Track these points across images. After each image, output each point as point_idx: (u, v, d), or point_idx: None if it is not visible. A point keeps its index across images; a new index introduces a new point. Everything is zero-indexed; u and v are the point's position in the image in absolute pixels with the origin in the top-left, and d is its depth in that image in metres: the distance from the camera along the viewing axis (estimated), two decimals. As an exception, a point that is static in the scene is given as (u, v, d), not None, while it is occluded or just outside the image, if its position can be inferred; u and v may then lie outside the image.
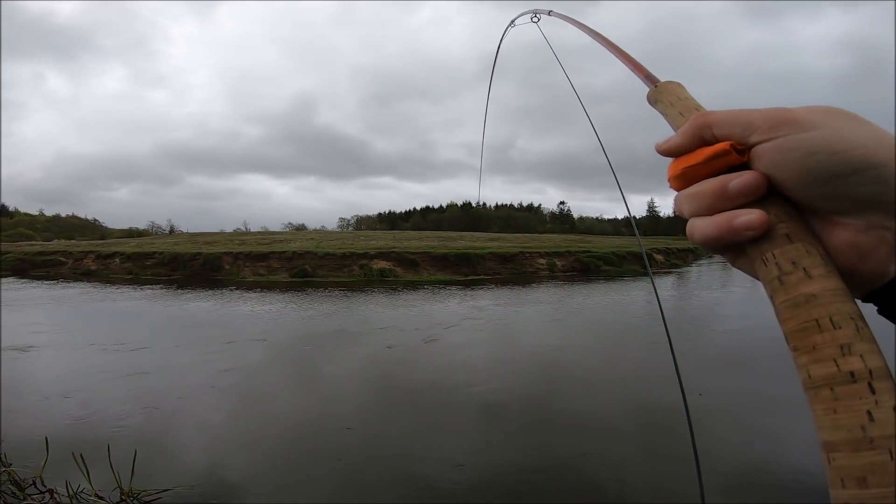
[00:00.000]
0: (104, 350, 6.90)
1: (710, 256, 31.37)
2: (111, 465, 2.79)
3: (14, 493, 2.62)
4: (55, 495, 2.62)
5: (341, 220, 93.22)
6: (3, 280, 17.85)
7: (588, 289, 15.47)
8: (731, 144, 0.30)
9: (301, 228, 65.49)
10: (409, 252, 21.09)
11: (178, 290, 14.83)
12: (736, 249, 0.31)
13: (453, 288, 15.61)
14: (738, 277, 20.12)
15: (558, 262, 21.90)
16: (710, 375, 5.51)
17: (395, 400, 4.87)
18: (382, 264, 20.18)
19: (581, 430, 4.06)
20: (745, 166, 0.30)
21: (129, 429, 3.98)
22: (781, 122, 0.28)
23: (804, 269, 0.27)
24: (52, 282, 17.74)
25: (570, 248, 23.82)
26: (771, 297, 0.28)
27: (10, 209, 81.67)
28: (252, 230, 55.80)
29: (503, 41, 1.42)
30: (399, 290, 14.85)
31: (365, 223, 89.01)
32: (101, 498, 2.65)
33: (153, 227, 73.59)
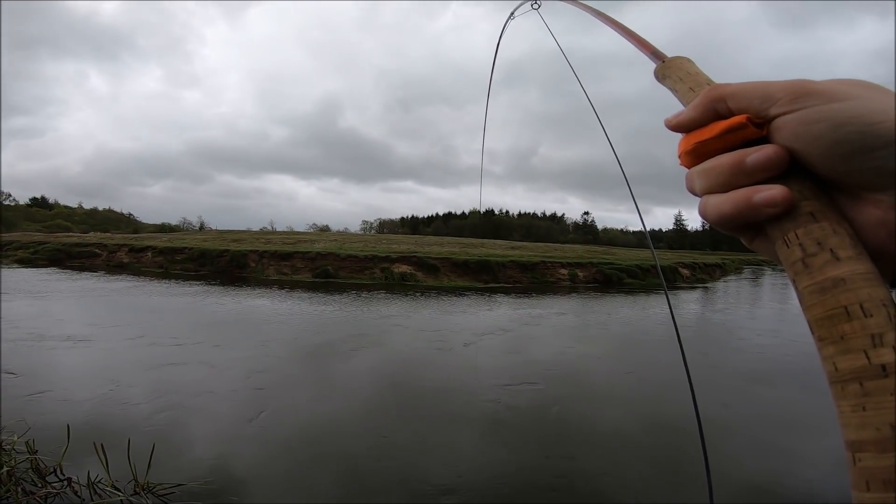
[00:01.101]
0: (144, 344, 7.23)
1: (739, 272, 30.51)
2: (129, 458, 2.92)
3: (34, 482, 2.75)
4: (73, 485, 2.77)
5: (364, 222, 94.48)
6: (44, 269, 18.76)
7: (609, 301, 15.32)
8: (748, 117, 0.28)
9: (325, 230, 66.57)
10: (431, 257, 21.24)
11: (222, 287, 15.31)
12: (754, 229, 0.29)
13: (473, 294, 15.68)
14: (768, 293, 19.56)
15: (580, 273, 21.71)
16: (735, 389, 5.44)
17: (406, 404, 4.96)
18: (404, 268, 20.38)
19: (594, 444, 4.07)
20: (764, 140, 0.28)
21: (151, 422, 4.13)
22: (804, 92, 0.27)
23: (831, 250, 0.25)
24: (95, 273, 18.54)
25: (592, 259, 23.57)
26: (794, 282, 0.26)
27: (51, 201, 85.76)
28: (278, 229, 56.98)
29: (504, 34, 1.33)
30: (420, 295, 14.99)
31: (387, 226, 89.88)
32: (117, 490, 2.74)
33: (184, 223, 76.04)
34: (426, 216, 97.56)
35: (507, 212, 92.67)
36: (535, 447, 3.89)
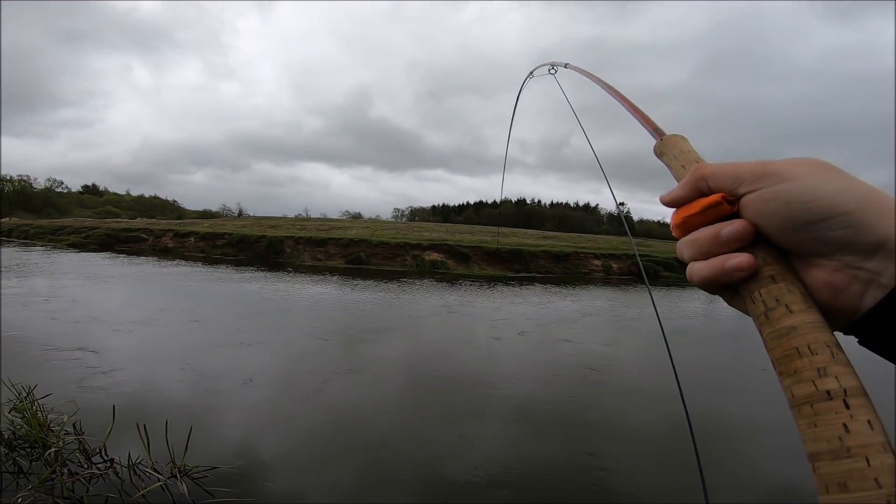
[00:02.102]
0: (192, 329, 7.51)
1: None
2: (167, 441, 3.01)
3: (80, 463, 2.87)
4: (115, 466, 2.87)
5: (396, 210, 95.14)
6: (95, 253, 19.83)
7: (644, 293, 14.86)
8: (723, 196, 0.33)
9: (357, 217, 67.49)
10: (462, 245, 21.17)
11: (262, 272, 15.76)
12: (730, 290, 0.34)
13: (504, 284, 15.53)
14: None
15: (614, 265, 21.15)
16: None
17: (433, 393, 4.94)
18: (435, 256, 20.41)
19: (618, 441, 3.93)
20: (737, 215, 0.33)
21: (192, 404, 4.27)
22: (764, 174, 0.32)
23: (786, 304, 0.30)
24: (143, 258, 19.45)
25: (627, 251, 22.91)
26: (759, 330, 0.31)
27: (101, 188, 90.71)
28: (312, 216, 58.20)
29: (522, 91, 1.42)
30: (450, 283, 14.97)
31: (419, 215, 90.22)
32: (156, 472, 2.83)
33: (224, 209, 78.78)
34: (457, 205, 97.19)
35: (540, 201, 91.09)
36: (560, 442, 3.80)
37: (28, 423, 2.98)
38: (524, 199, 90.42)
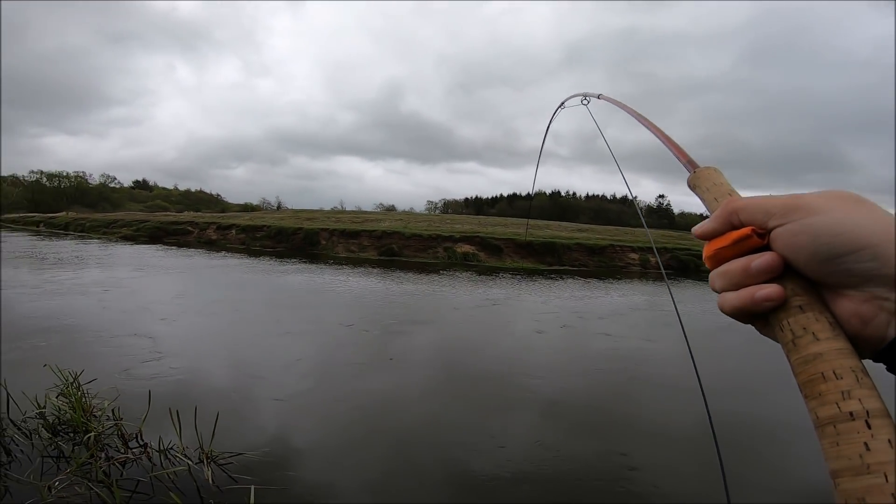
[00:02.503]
0: (233, 319, 7.79)
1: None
2: (195, 426, 3.09)
3: (117, 448, 3.00)
4: (148, 450, 2.98)
5: (429, 202, 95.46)
6: (148, 247, 20.91)
7: (683, 289, 14.30)
8: (753, 229, 0.35)
9: (391, 209, 68.19)
10: (494, 238, 21.00)
11: (301, 264, 16.22)
12: (762, 319, 0.35)
13: (536, 277, 15.30)
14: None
15: (652, 259, 20.44)
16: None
17: (462, 385, 4.90)
18: (466, 248, 20.35)
19: (649, 440, 3.78)
20: (767, 247, 0.34)
21: (226, 391, 4.41)
22: (793, 208, 0.33)
23: (813, 333, 0.31)
24: (190, 249, 20.37)
25: (666, 244, 22.09)
26: (787, 357, 0.33)
27: (151, 183, 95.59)
28: (347, 209, 59.24)
29: (553, 120, 1.42)
30: (491, 276, 14.88)
31: (452, 207, 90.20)
32: (186, 456, 2.93)
33: (264, 202, 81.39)
34: (490, 197, 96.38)
35: (575, 193, 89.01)
36: (593, 440, 3.69)
37: (73, 408, 3.15)
38: (558, 192, 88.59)
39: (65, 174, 70.87)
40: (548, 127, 1.50)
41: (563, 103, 1.19)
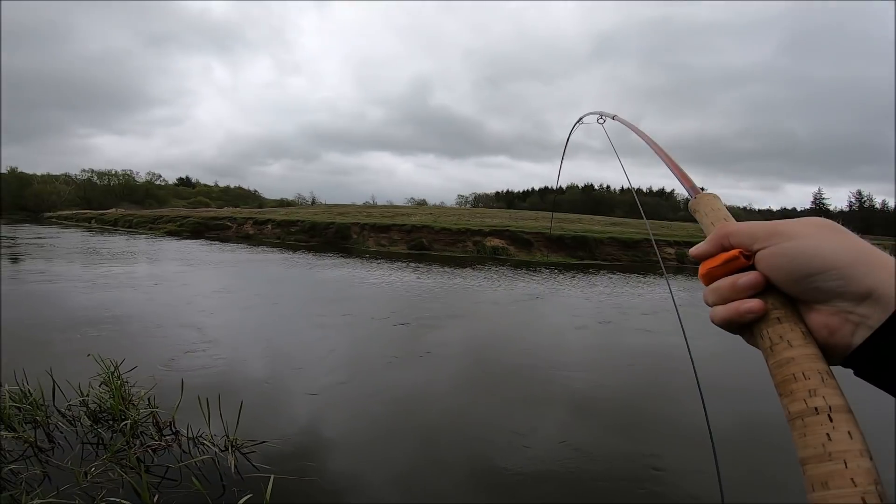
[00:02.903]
0: (270, 312, 8.03)
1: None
2: (220, 415, 3.20)
3: (151, 435, 3.13)
4: (179, 438, 3.10)
5: (460, 197, 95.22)
6: (191, 241, 21.83)
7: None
8: (741, 251, 0.40)
9: (422, 203, 68.44)
10: (524, 231, 20.77)
11: (335, 258, 16.56)
12: (747, 330, 0.40)
13: (566, 270, 15.03)
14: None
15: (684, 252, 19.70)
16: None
17: (491, 380, 4.87)
18: (496, 242, 20.22)
19: (681, 441, 3.64)
20: (753, 267, 0.39)
21: (260, 383, 4.55)
22: (774, 234, 0.38)
23: (787, 340, 0.36)
24: (229, 244, 21.13)
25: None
26: (766, 361, 0.38)
27: (193, 180, 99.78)
28: (379, 203, 59.91)
29: (571, 136, 1.51)
30: (511, 269, 14.75)
31: (483, 201, 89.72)
32: (213, 444, 3.04)
33: (299, 198, 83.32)
34: (521, 191, 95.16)
35: (609, 186, 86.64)
36: (622, 439, 3.59)
37: (113, 396, 3.32)
38: (591, 185, 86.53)
39: (113, 172, 74.88)
40: (566, 142, 1.58)
41: (580, 119, 1.26)
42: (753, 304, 0.38)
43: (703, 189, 0.55)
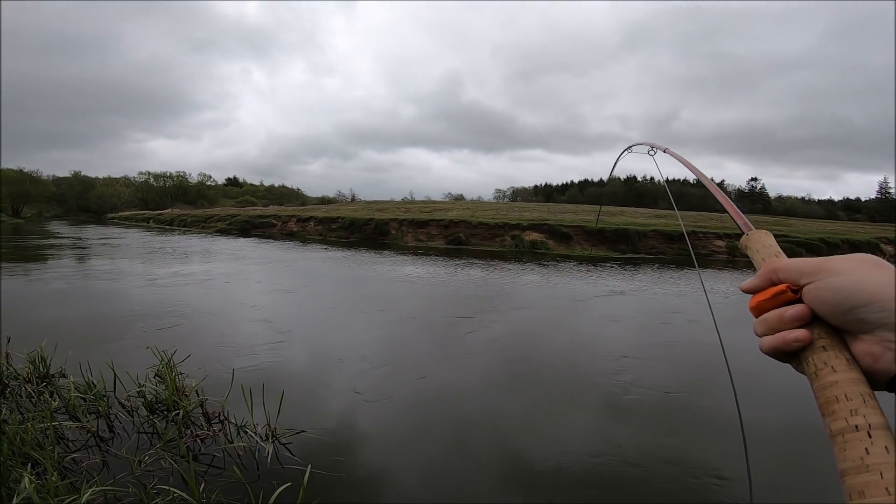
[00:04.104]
0: (318, 307, 8.29)
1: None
2: (263, 404, 3.33)
3: (201, 425, 3.29)
4: (226, 427, 3.24)
5: (497, 191, 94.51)
6: (240, 239, 22.82)
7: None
8: (788, 286, 0.43)
9: (459, 198, 68.42)
10: (563, 225, 20.36)
11: (375, 255, 16.89)
12: (794, 358, 0.43)
13: (608, 264, 14.62)
14: None
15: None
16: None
17: (528, 377, 4.82)
18: (534, 236, 19.94)
19: (726, 442, 3.46)
20: (800, 300, 0.42)
21: (305, 375, 4.71)
22: (820, 269, 0.41)
23: (832, 366, 0.39)
24: (274, 241, 21.96)
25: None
26: (811, 385, 0.40)
27: (241, 180, 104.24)
28: (417, 199, 60.38)
29: (618, 163, 1.53)
30: (550, 264, 14.51)
31: (520, 195, 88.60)
32: (255, 434, 3.16)
33: (339, 195, 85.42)
34: (560, 184, 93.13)
35: (653, 178, 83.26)
36: (658, 439, 3.46)
37: (168, 388, 3.53)
38: (634, 177, 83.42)
39: (168, 174, 79.24)
40: (613, 167, 1.62)
41: (630, 148, 1.26)
42: (800, 333, 0.41)
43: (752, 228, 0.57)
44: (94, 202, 65.45)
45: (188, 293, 8.68)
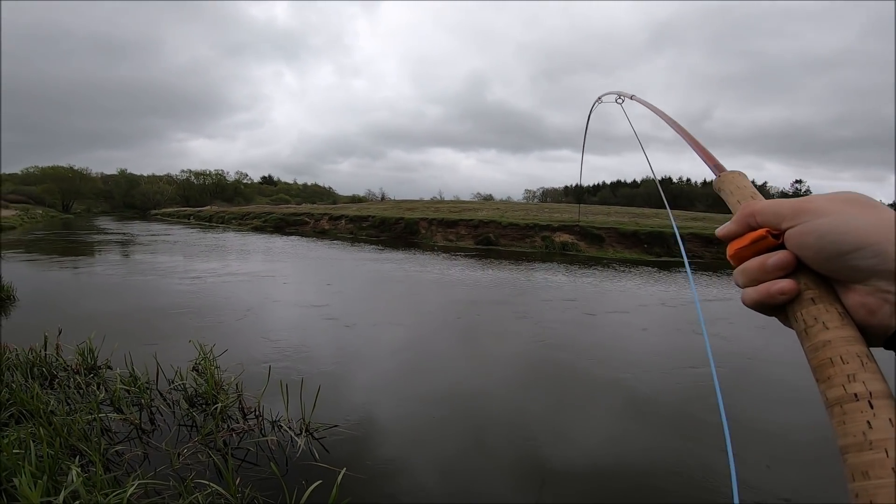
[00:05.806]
0: (354, 307, 8.45)
1: None
2: (301, 399, 3.39)
3: (237, 419, 3.38)
4: (261, 422, 3.33)
5: (527, 191, 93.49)
6: (274, 236, 23.42)
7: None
8: (768, 230, 0.38)
9: (488, 199, 68.10)
10: (594, 227, 19.95)
11: (405, 255, 17.07)
12: (782, 312, 0.38)
13: (641, 268, 14.22)
14: None
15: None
16: None
17: (549, 377, 4.75)
18: (565, 237, 19.61)
19: (749, 451, 3.29)
20: (782, 246, 0.38)
21: (333, 372, 4.79)
22: (802, 211, 0.36)
23: (823, 322, 0.34)
24: (307, 238, 22.47)
25: (804, 233, 19.05)
26: (801, 344, 0.36)
27: (275, 179, 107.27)
28: (446, 199, 60.45)
29: (591, 115, 1.50)
30: (581, 266, 14.24)
31: (550, 195, 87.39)
32: (290, 428, 3.23)
33: (370, 194, 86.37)
34: (591, 185, 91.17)
35: (689, 179, 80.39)
36: (681, 442, 3.33)
37: (206, 381, 3.64)
38: (669, 178, 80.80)
39: (207, 173, 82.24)
40: (587, 122, 1.59)
41: (599, 98, 1.25)
42: (785, 284, 0.36)
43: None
44: (138, 199, 68.64)
45: (230, 289, 8.98)
